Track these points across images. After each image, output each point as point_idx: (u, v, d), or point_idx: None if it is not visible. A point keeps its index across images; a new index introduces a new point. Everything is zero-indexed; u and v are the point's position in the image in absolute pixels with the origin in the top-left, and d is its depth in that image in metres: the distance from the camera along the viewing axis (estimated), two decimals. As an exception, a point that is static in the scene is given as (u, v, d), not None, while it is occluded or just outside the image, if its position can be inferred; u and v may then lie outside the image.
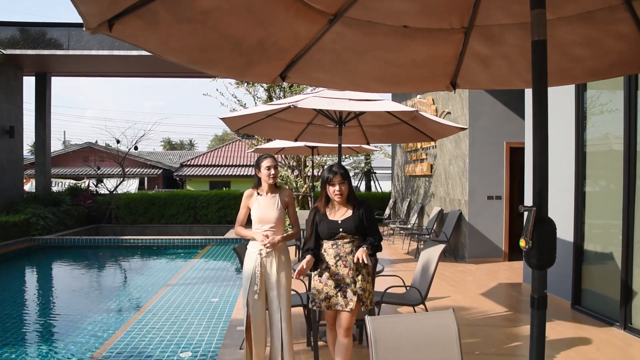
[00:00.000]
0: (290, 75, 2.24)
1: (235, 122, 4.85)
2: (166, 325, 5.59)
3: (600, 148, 5.92)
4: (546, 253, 1.61)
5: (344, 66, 2.28)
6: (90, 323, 6.20)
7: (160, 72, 16.15)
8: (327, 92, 4.42)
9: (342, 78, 2.36)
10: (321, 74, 2.33)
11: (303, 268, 3.31)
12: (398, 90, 2.69)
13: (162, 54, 1.82)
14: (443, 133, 4.93)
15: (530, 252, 1.67)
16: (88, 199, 16.52)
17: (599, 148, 5.93)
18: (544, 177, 1.60)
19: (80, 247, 13.29)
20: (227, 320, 5.71)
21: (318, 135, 5.99)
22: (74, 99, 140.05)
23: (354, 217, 3.45)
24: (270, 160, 3.90)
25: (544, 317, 1.68)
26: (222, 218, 16.56)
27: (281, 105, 3.91)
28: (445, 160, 10.42)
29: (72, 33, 12.84)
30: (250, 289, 3.77)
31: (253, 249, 3.86)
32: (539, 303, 1.67)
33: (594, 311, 5.67)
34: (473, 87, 2.41)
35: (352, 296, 3.39)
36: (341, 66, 2.28)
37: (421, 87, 2.54)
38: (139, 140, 18.19)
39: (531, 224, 1.60)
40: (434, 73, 2.37)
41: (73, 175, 28.25)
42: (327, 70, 2.33)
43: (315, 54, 2.12)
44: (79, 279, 9.75)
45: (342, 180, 3.43)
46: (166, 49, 1.82)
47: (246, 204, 3.98)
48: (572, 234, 6.03)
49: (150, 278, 9.35)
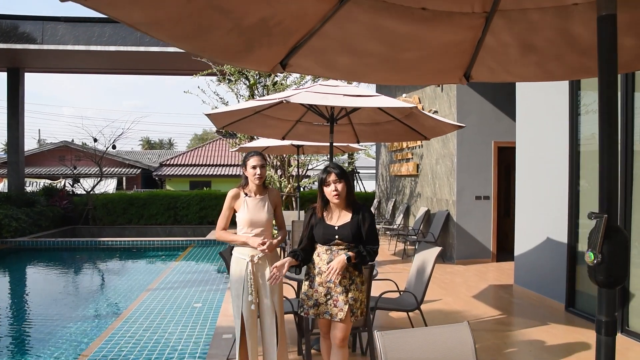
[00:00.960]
0: (292, 63, 2.00)
1: (221, 119, 4.59)
2: (147, 334, 5.29)
3: (595, 147, 5.82)
4: (618, 268, 1.33)
5: (350, 54, 2.05)
6: (66, 332, 5.86)
7: (138, 69, 15.71)
8: (319, 87, 4.20)
9: (347, 67, 2.13)
10: (324, 63, 2.10)
11: (278, 269, 3.11)
12: (408, 82, 2.49)
13: (148, 30, 1.55)
14: (439, 131, 4.75)
15: (598, 268, 1.39)
16: (64, 200, 15.96)
17: (594, 147, 5.83)
18: (614, 179, 1.38)
19: (56, 249, 12.80)
20: (212, 327, 5.44)
21: (306, 133, 5.76)
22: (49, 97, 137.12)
23: (352, 223, 3.23)
24: (258, 158, 3.60)
25: (613, 345, 1.47)
26: (203, 219, 16.20)
27: (272, 101, 3.67)
28: (432, 160, 10.29)
29: (46, 27, 12.34)
30: (245, 299, 3.51)
31: (241, 255, 3.58)
32: (608, 328, 1.44)
33: (589, 314, 5.56)
34: (487, 80, 2.23)
35: (342, 306, 3.16)
36: (347, 54, 2.06)
37: (433, 79, 2.34)
38: (117, 139, 17.63)
39: (601, 235, 1.35)
40: (448, 63, 2.17)
41: (48, 175, 27.47)
42: (331, 59, 2.10)
43: (319, 40, 1.90)
44: (54, 284, 9.32)
45: (338, 179, 3.19)
46: (153, 23, 1.54)
47: (231, 206, 3.66)
48: (566, 235, 5.92)
49: (130, 282, 8.99)
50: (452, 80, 2.26)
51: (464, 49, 2.05)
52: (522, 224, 6.99)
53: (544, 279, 6.42)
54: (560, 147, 6.06)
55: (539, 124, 6.60)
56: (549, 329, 5.23)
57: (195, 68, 11.64)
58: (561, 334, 5.08)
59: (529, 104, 6.84)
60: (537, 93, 6.65)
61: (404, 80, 2.58)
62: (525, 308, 6.09)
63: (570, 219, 5.87)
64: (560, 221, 6.04)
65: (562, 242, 6.03)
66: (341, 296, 3.17)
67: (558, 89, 6.05)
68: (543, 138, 6.51)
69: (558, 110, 6.10)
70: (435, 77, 2.30)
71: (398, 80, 2.59)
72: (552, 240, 6.26)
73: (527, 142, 6.88)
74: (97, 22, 12.63)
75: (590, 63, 2.10)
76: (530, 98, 6.82)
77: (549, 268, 6.31)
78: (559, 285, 6.04)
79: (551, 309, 5.98)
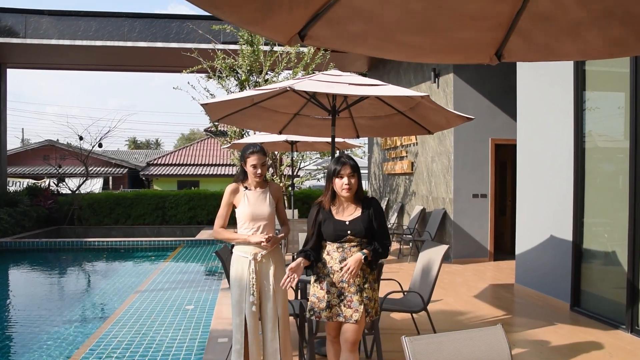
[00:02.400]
0: (311, 34, 1.77)
1: (218, 111, 4.33)
2: (137, 338, 5.01)
3: (602, 144, 5.67)
4: None
5: (378, 26, 1.83)
6: (51, 337, 5.55)
7: (126, 65, 15.25)
8: (322, 76, 3.97)
9: (373, 41, 1.91)
10: (348, 34, 1.88)
11: (293, 270, 2.84)
12: (437, 60, 2.27)
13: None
14: (445, 124, 4.55)
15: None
16: (48, 199, 15.50)
17: (600, 144, 5.68)
18: None
19: (40, 250, 12.38)
20: (206, 331, 5.18)
21: (304, 127, 5.52)
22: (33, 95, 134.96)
23: (363, 217, 3.01)
24: (258, 157, 3.33)
25: None
26: (192, 219, 15.87)
27: (274, 88, 3.43)
28: (427, 158, 10.11)
29: (29, 20, 11.91)
30: (246, 300, 3.27)
31: (242, 254, 3.34)
32: None
33: (596, 313, 5.40)
34: (520, 60, 2.03)
35: (358, 306, 2.94)
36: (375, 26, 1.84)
37: (462, 54, 2.13)
38: (103, 137, 17.20)
39: None
40: (481, 38, 1.96)
41: (32, 174, 26.83)
42: (356, 30, 1.87)
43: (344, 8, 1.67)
44: (37, 286, 8.96)
45: (352, 173, 2.98)
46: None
47: (230, 201, 3.41)
48: (571, 233, 5.76)
49: (118, 283, 8.67)
50: (482, 58, 2.05)
51: (500, 21, 1.84)
52: (523, 221, 6.82)
53: (546, 278, 6.26)
54: (563, 144, 5.90)
55: (541, 120, 6.44)
56: (556, 329, 5.06)
57: (184, 64, 11.32)
58: (569, 334, 4.91)
59: (530, 100, 6.68)
60: (538, 88, 6.49)
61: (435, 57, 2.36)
62: (529, 308, 5.92)
63: (576, 216, 5.71)
64: (564, 219, 5.87)
65: (566, 239, 5.87)
66: (355, 296, 2.95)
67: (562, 85, 5.90)
68: (545, 134, 6.35)
69: (561, 106, 5.94)
70: (465, 53, 2.09)
71: (426, 56, 2.37)
72: (555, 238, 6.10)
73: (528, 139, 6.72)
74: (83, 15, 12.25)
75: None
76: (531, 94, 6.66)
77: (551, 266, 6.15)
78: (563, 284, 5.88)
79: (555, 309, 5.81)
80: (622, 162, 5.12)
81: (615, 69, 5.36)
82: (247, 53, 10.83)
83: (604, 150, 5.68)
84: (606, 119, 5.58)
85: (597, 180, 5.60)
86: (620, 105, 5.29)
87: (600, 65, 5.60)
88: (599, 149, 5.68)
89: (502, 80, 8.94)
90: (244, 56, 10.85)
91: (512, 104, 8.86)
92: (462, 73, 8.94)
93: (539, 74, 6.48)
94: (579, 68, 5.67)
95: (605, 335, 4.87)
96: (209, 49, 11.42)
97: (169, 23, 12.77)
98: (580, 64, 5.67)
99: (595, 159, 5.64)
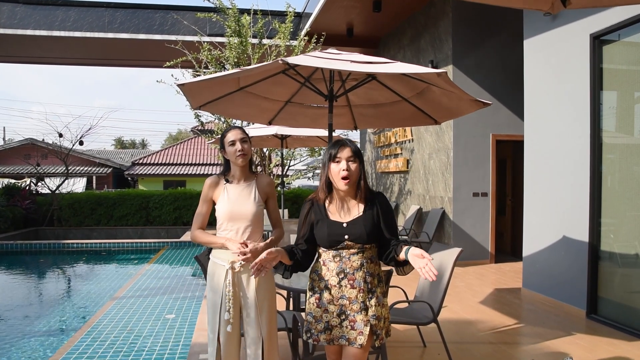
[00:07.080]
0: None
1: (199, 95, 3.79)
2: (110, 353, 4.44)
3: (622, 140, 5.20)
4: None
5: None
6: (18, 349, 4.96)
7: (107, 59, 14.59)
8: (320, 52, 3.45)
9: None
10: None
11: (266, 260, 2.22)
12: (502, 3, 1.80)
13: None
14: (456, 112, 4.04)
15: None
16: (26, 199, 14.75)
17: (620, 140, 5.21)
18: None
19: (16, 253, 11.70)
20: (187, 343, 4.63)
21: (296, 117, 5.00)
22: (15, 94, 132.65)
23: (366, 218, 2.42)
24: (236, 132, 2.81)
25: None
26: (178, 219, 15.25)
27: (264, 64, 2.89)
28: (424, 155, 9.63)
29: (2, 9, 11.19)
30: (221, 316, 2.72)
31: (219, 261, 2.78)
32: None
33: (615, 321, 4.94)
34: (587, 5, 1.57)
35: (362, 327, 2.36)
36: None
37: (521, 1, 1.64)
38: (85, 135, 16.46)
39: None
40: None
41: (13, 174, 25.91)
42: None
43: None
44: (8, 292, 8.31)
45: (353, 156, 2.40)
46: None
47: (208, 197, 2.86)
48: (587, 234, 5.29)
49: (95, 288, 8.05)
50: (543, 5, 1.57)
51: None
52: (531, 222, 6.35)
53: (558, 282, 5.79)
54: (578, 140, 5.44)
55: (551, 116, 5.97)
56: (575, 340, 4.59)
57: (169, 58, 10.72)
58: (590, 346, 4.43)
59: (539, 94, 6.20)
60: (546, 81, 6.03)
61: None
62: (542, 315, 5.44)
63: (592, 217, 5.24)
64: (578, 219, 5.41)
65: (580, 240, 5.41)
66: (359, 315, 2.38)
67: (576, 80, 5.44)
68: (556, 130, 5.87)
69: (576, 102, 5.48)
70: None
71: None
72: (568, 239, 5.64)
73: (536, 135, 6.25)
74: (61, 5, 11.58)
75: None
76: (539, 87, 6.19)
77: (564, 270, 5.68)
78: (577, 290, 5.42)
79: (570, 316, 5.35)
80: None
81: (633, 67, 4.90)
82: (234, 45, 10.28)
83: (624, 147, 5.22)
84: (626, 112, 5.11)
85: (617, 177, 5.14)
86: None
87: (616, 62, 5.14)
88: (617, 146, 5.22)
89: (503, 73, 8.50)
90: (231, 48, 10.29)
91: (514, 98, 8.43)
92: (461, 64, 8.47)
93: (550, 65, 6.01)
94: (595, 64, 5.20)
95: (630, 346, 4.40)
96: (195, 41, 10.85)
97: (152, 14, 12.16)
98: (596, 60, 5.20)
99: (614, 156, 5.18)
